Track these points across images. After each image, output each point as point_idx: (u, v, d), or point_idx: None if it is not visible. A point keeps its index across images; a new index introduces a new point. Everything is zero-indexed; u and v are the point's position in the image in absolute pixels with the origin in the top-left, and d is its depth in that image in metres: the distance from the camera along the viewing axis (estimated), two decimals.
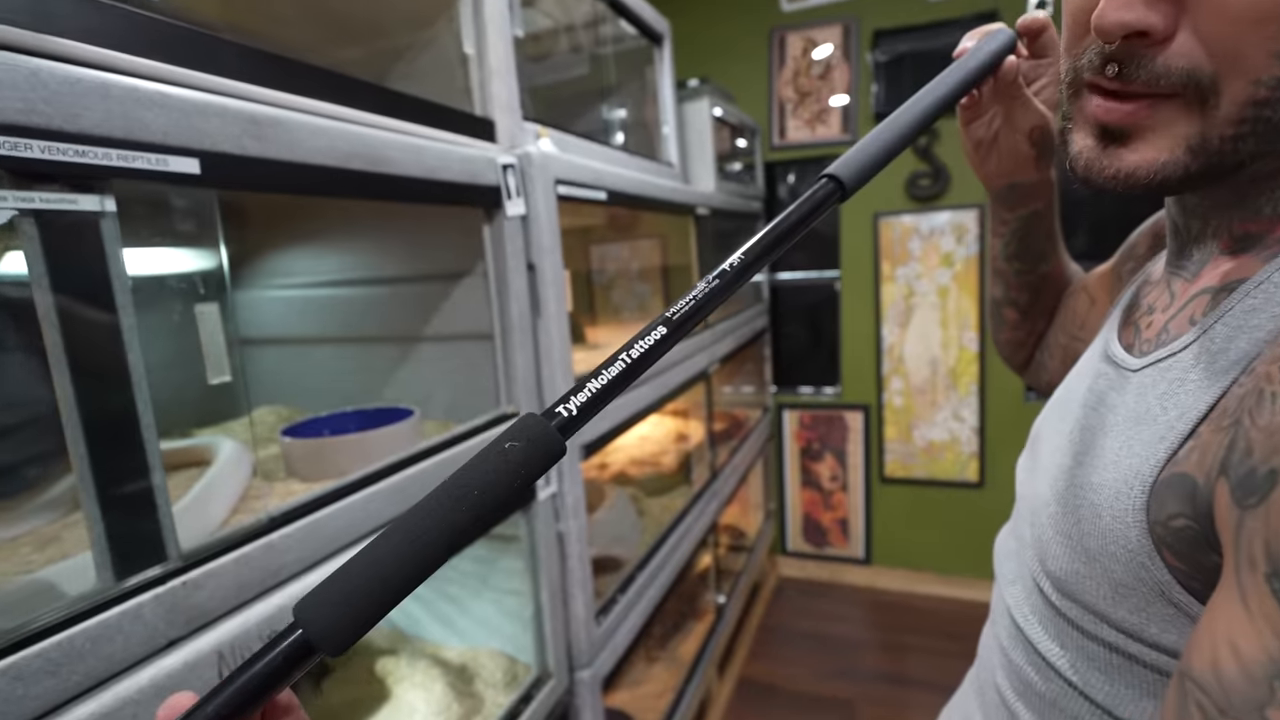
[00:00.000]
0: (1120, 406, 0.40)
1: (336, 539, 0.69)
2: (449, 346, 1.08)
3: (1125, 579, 0.36)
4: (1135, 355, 0.42)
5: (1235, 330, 0.35)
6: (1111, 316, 0.50)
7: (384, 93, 0.77)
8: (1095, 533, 0.38)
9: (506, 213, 0.95)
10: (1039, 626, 0.43)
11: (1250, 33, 0.31)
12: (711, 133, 1.92)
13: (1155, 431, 0.36)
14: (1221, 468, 0.31)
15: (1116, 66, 0.35)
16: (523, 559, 1.07)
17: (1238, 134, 0.33)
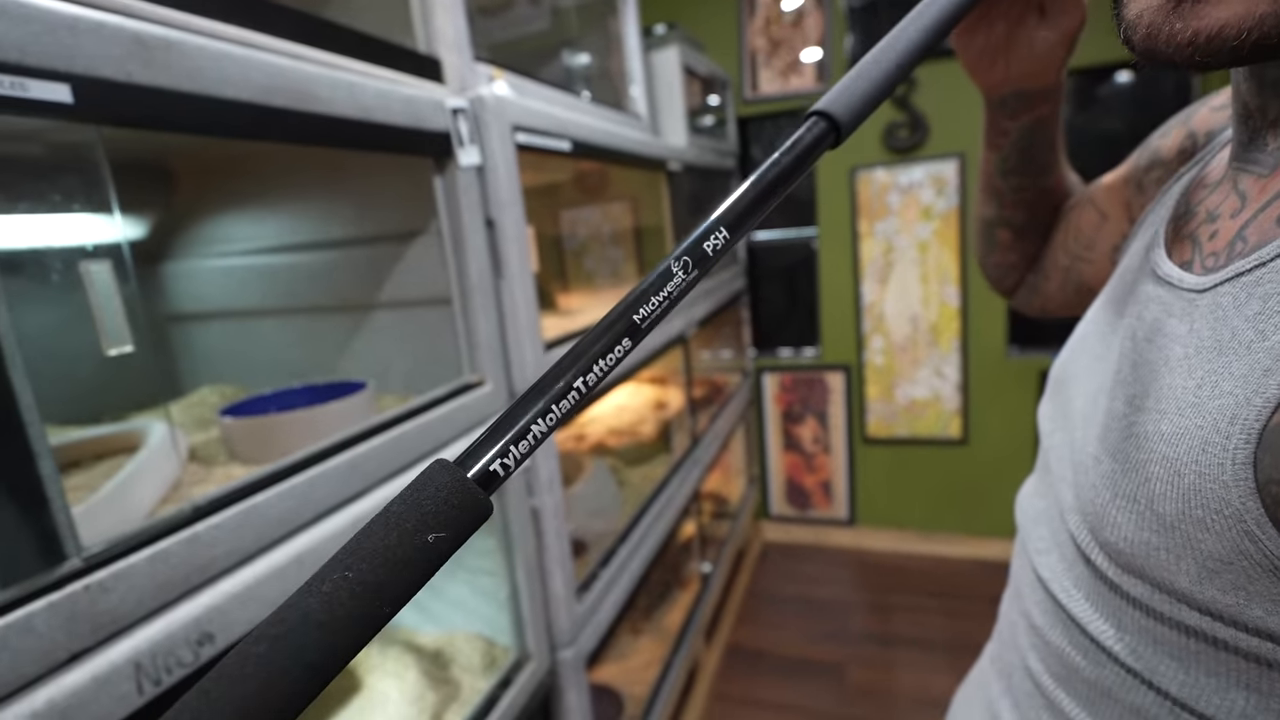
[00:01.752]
0: (1188, 336, 0.33)
1: (278, 526, 0.61)
2: (405, 313, 1.00)
3: (1219, 552, 0.28)
4: (1200, 273, 0.34)
5: None
6: (1149, 231, 0.42)
7: (308, 19, 0.67)
8: (1173, 495, 0.30)
9: (459, 162, 0.87)
10: (1087, 604, 0.36)
11: None
12: (681, 83, 1.83)
13: (1254, 363, 0.28)
14: None
15: None
16: (495, 537, 1.00)
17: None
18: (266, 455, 0.76)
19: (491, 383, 0.94)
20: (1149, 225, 0.43)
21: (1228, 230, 0.34)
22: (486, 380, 0.94)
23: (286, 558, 0.61)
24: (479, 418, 0.91)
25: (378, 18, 0.87)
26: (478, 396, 0.91)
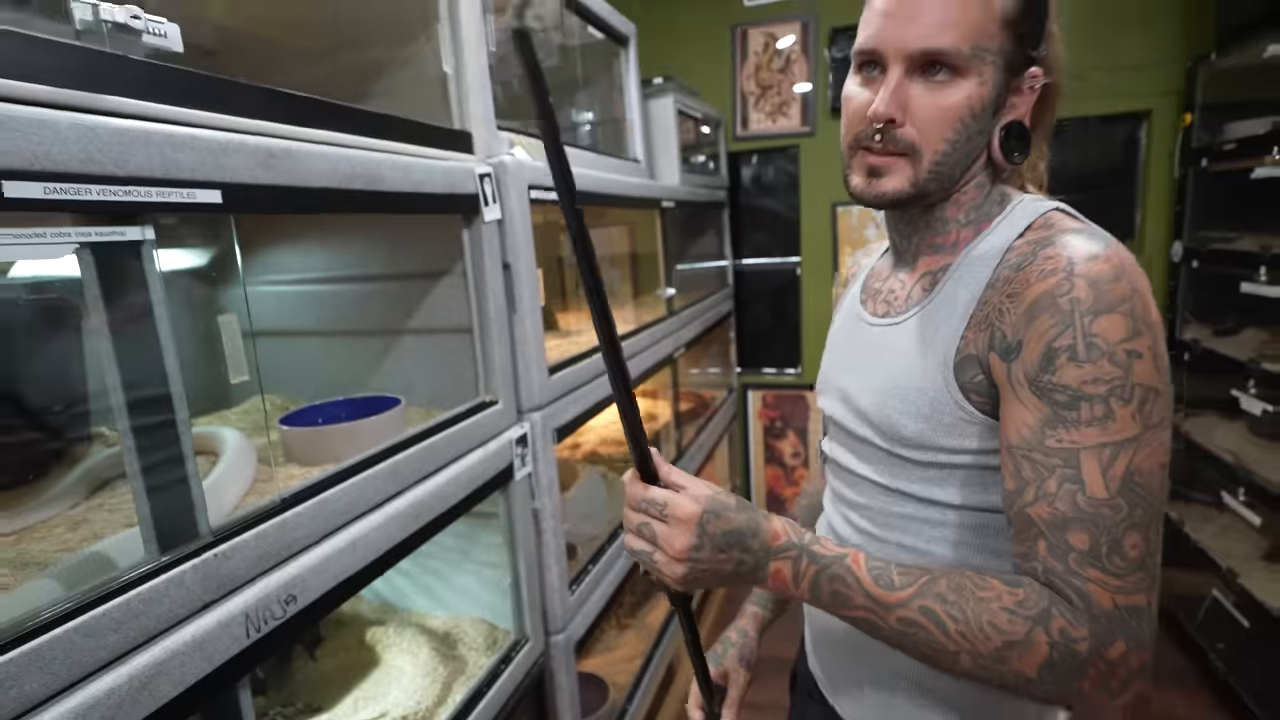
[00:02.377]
0: (901, 340, 0.68)
1: (339, 516, 0.78)
2: (430, 339, 1.16)
3: (949, 420, 0.62)
4: (894, 315, 0.70)
5: (955, 290, 0.64)
6: (847, 306, 0.80)
7: (377, 118, 0.84)
8: (929, 402, 0.63)
9: (484, 218, 1.04)
10: (889, 477, 0.68)
11: (933, 129, 0.61)
12: (676, 128, 2.01)
13: (940, 342, 0.63)
14: (989, 347, 0.59)
15: (879, 136, 0.61)
16: (501, 534, 1.17)
17: (929, 177, 0.62)
18: (317, 459, 0.93)
19: (503, 402, 1.11)
20: (846, 302, 0.81)
21: (901, 295, 0.71)
22: (499, 399, 1.11)
23: (346, 540, 0.78)
24: (492, 432, 1.08)
25: (420, 96, 1.04)
26: (491, 414, 1.08)
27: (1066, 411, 0.53)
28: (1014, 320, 0.56)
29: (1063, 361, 0.53)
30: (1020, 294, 0.56)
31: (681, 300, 2.15)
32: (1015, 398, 0.56)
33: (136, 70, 0.57)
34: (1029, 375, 0.55)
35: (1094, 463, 0.52)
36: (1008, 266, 0.60)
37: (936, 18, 0.57)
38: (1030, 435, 0.55)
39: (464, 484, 1.00)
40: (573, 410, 1.30)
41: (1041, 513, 0.54)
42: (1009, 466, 0.57)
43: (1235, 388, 1.78)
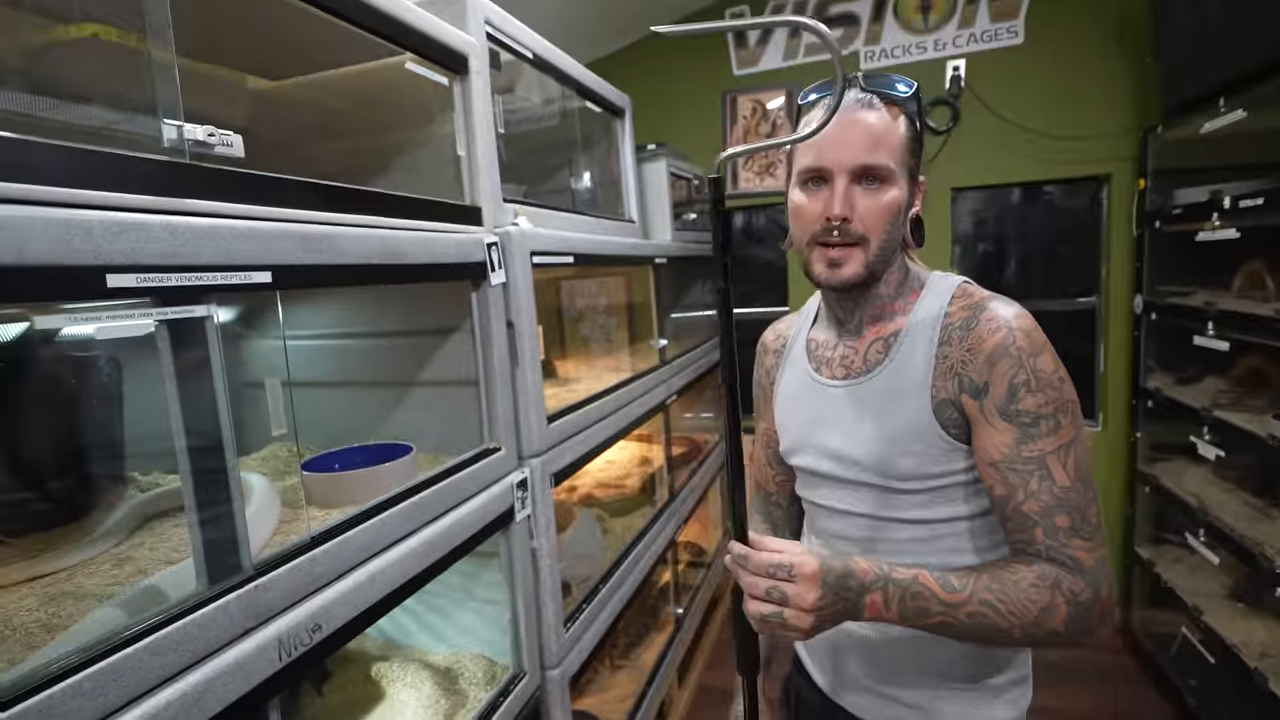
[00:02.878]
0: (875, 394, 0.82)
1: (359, 554, 0.87)
2: (439, 390, 1.27)
3: (935, 452, 0.78)
4: (857, 376, 0.85)
5: (911, 350, 0.80)
6: (798, 375, 0.92)
7: (401, 200, 0.97)
8: (918, 440, 0.79)
9: (490, 282, 1.16)
10: (885, 508, 0.83)
11: (875, 222, 0.78)
12: (668, 189, 2.16)
13: (914, 391, 0.79)
14: (960, 390, 0.76)
15: (836, 232, 0.78)
16: (501, 572, 1.25)
17: (876, 260, 0.79)
18: (336, 502, 1.02)
19: (505, 448, 1.21)
20: (788, 375, 0.94)
21: (856, 360, 0.86)
22: (502, 446, 1.21)
23: (365, 575, 0.87)
24: (495, 477, 1.17)
25: (438, 176, 1.17)
26: (495, 459, 1.18)
27: (1031, 429, 0.73)
28: (978, 367, 0.75)
29: (1022, 394, 0.73)
30: (978, 348, 0.76)
31: (674, 349, 2.26)
32: (990, 425, 0.75)
33: (209, 175, 0.69)
34: (999, 407, 0.74)
35: (1057, 462, 0.72)
36: (955, 328, 0.78)
37: (871, 141, 0.77)
38: (1009, 451, 0.73)
39: (469, 525, 1.09)
40: (569, 456, 1.40)
41: (1032, 507, 0.72)
42: (995, 478, 0.75)
43: (1193, 434, 1.88)
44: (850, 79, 0.77)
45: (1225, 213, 1.70)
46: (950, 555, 0.81)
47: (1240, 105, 1.66)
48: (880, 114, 0.77)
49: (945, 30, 2.54)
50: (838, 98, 0.60)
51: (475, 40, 1.16)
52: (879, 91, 0.78)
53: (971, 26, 2.51)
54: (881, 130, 0.77)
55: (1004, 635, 0.69)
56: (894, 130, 0.78)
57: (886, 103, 0.78)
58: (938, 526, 0.81)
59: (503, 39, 1.28)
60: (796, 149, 0.81)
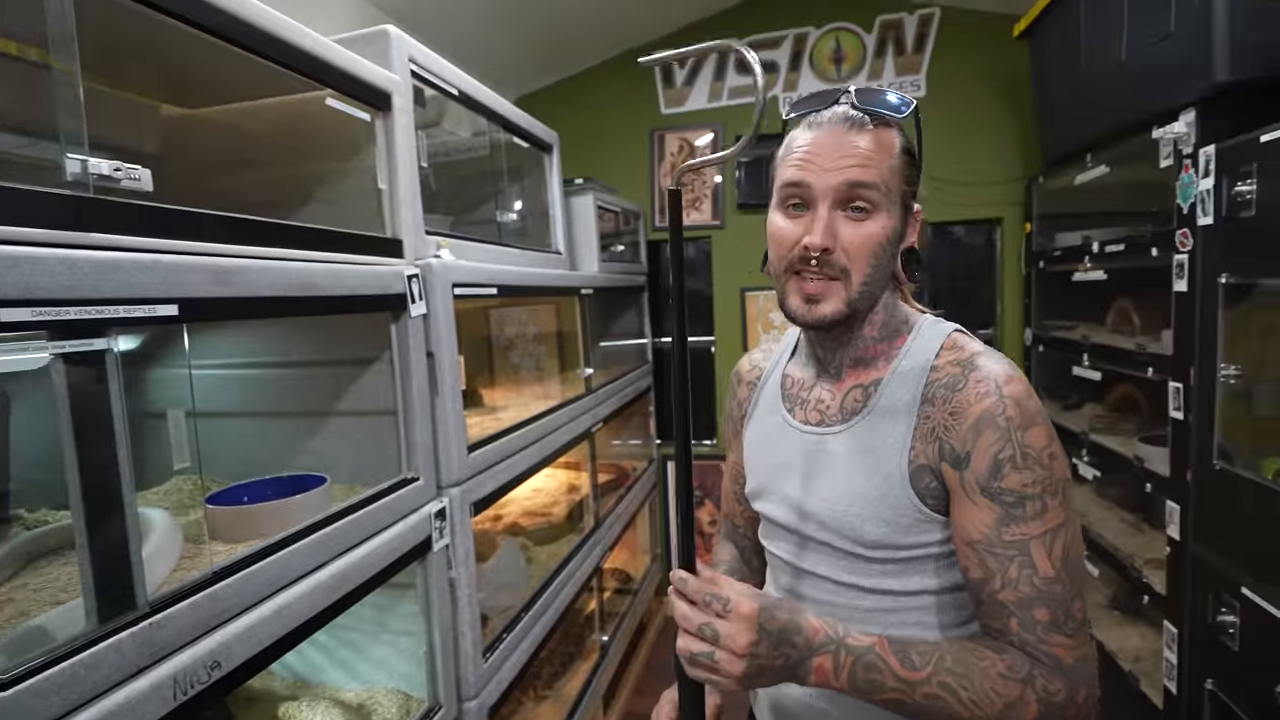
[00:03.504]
0: (847, 448, 0.75)
1: (266, 588, 0.86)
2: (356, 420, 1.26)
3: (907, 522, 0.71)
4: (830, 424, 0.78)
5: (891, 403, 0.74)
6: (769, 413, 0.86)
7: (317, 232, 0.98)
8: (889, 507, 0.72)
9: (411, 314, 1.17)
10: (847, 574, 0.75)
11: (859, 254, 0.71)
12: (596, 222, 2.22)
13: (890, 452, 0.72)
14: (940, 458, 0.70)
15: (815, 262, 0.71)
16: (418, 603, 1.24)
17: (859, 297, 0.72)
18: (243, 536, 1.00)
19: (423, 478, 1.21)
20: (760, 411, 0.88)
21: (834, 404, 0.79)
22: (420, 476, 1.21)
23: (270, 610, 0.86)
24: (412, 506, 1.18)
25: (359, 207, 1.18)
26: (412, 489, 1.18)
27: (1014, 510, 0.66)
28: (961, 435, 0.68)
29: (1007, 470, 0.66)
30: (963, 412, 0.68)
31: (602, 377, 2.30)
32: (970, 501, 0.68)
33: (115, 209, 0.69)
34: (980, 482, 0.67)
35: (1041, 549, 0.65)
36: (940, 386, 0.71)
37: (856, 160, 0.69)
38: (989, 532, 0.66)
39: (384, 556, 1.09)
40: (491, 484, 1.41)
41: (1009, 597, 0.66)
42: (973, 559, 0.68)
43: (1075, 457, 2.05)
44: (843, 93, 0.72)
45: (1094, 256, 1.88)
46: (915, 629, 0.73)
47: (1103, 161, 1.86)
48: (871, 134, 0.70)
49: (857, 80, 2.73)
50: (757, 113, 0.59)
51: (399, 78, 1.19)
52: (871, 110, 0.71)
53: (880, 78, 2.70)
54: (871, 152, 0.70)
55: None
56: (886, 152, 0.71)
57: (879, 122, 0.71)
58: (904, 599, 0.73)
59: (427, 76, 1.32)
60: (779, 166, 0.74)
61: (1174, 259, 1.47)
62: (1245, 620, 1.26)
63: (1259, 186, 1.21)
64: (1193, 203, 1.40)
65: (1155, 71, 1.50)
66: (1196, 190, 1.38)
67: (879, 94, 0.73)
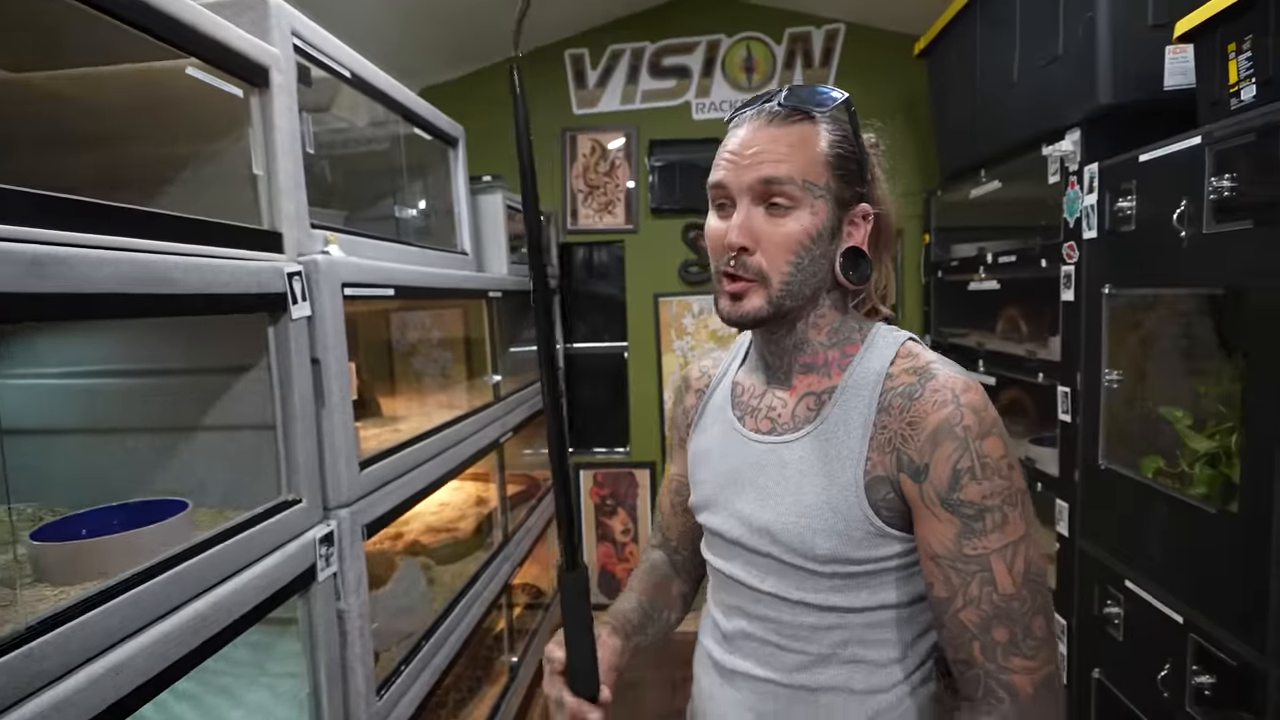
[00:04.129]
0: (800, 458, 0.73)
1: (103, 640, 0.72)
2: (226, 436, 1.11)
3: (859, 535, 0.69)
4: (782, 433, 0.75)
5: (846, 412, 0.72)
6: (719, 420, 0.83)
7: (172, 220, 0.84)
8: (841, 519, 0.69)
9: (292, 315, 1.04)
10: (794, 589, 0.72)
11: (777, 254, 0.70)
12: (505, 222, 2.12)
13: (845, 462, 0.70)
14: (899, 468, 0.68)
15: (734, 264, 0.71)
16: (301, 640, 1.11)
17: (780, 297, 0.71)
18: (79, 577, 0.85)
19: (307, 500, 1.08)
20: (707, 420, 0.85)
21: (785, 413, 0.76)
22: (303, 497, 1.08)
23: (106, 667, 0.72)
24: (293, 532, 1.04)
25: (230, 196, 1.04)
26: (293, 513, 1.05)
27: (974, 523, 0.64)
28: (919, 445, 0.66)
29: (966, 481, 0.64)
30: (920, 422, 0.67)
31: (512, 384, 2.20)
32: (931, 514, 0.66)
33: None
34: (939, 494, 0.65)
35: (1001, 563, 0.64)
36: (897, 395, 0.69)
37: (771, 156, 0.68)
38: (952, 546, 0.65)
39: (258, 590, 0.95)
40: (387, 503, 1.29)
41: (971, 617, 0.65)
42: (938, 575, 0.66)
43: None
44: (777, 92, 0.72)
45: (989, 266, 1.98)
46: (865, 649, 0.71)
47: (996, 176, 1.96)
48: (791, 129, 0.69)
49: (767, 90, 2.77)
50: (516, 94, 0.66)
51: (278, 52, 1.06)
52: (795, 106, 0.70)
53: None
54: (788, 147, 0.68)
55: None
56: (807, 145, 0.69)
57: (802, 117, 0.70)
58: (851, 615, 0.71)
59: (314, 54, 1.19)
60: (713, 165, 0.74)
61: (1061, 270, 1.56)
62: (1129, 611, 1.34)
63: (1138, 202, 1.29)
64: (1078, 217, 1.49)
65: (1045, 92, 1.59)
66: (1081, 205, 1.47)
67: (805, 89, 0.72)
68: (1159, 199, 1.22)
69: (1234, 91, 1.08)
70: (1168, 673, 1.21)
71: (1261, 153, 0.98)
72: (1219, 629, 1.10)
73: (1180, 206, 1.14)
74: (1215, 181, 1.07)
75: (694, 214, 2.74)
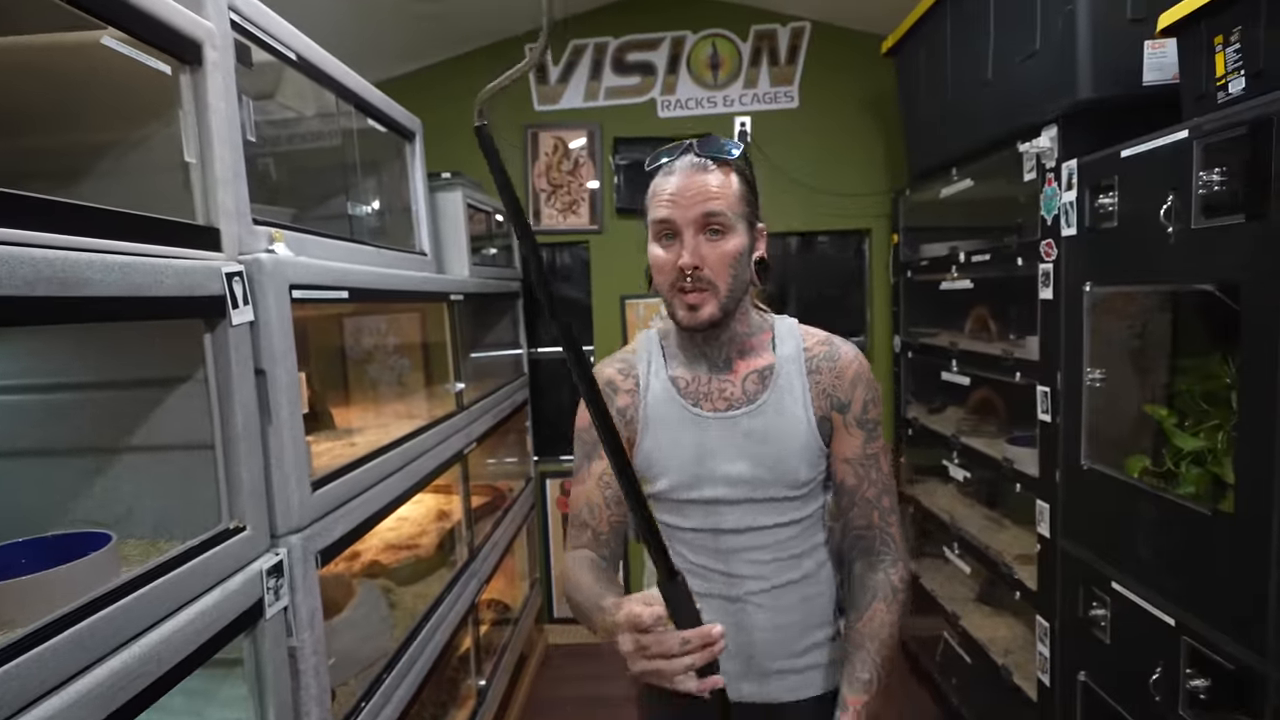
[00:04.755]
0: (768, 419, 0.95)
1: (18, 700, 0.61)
2: (158, 457, 0.99)
3: (815, 459, 0.97)
4: (740, 406, 0.96)
5: (789, 379, 0.97)
6: (671, 411, 0.98)
7: (85, 212, 0.73)
8: (810, 451, 0.96)
9: (232, 321, 0.93)
10: (784, 514, 0.97)
11: (721, 267, 0.89)
12: (465, 222, 2.01)
13: (801, 412, 0.96)
14: (831, 407, 0.97)
15: (689, 280, 0.89)
16: (248, 683, 0.99)
17: (726, 302, 0.91)
18: None
19: (252, 527, 0.97)
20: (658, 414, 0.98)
21: (733, 392, 0.97)
22: (247, 524, 0.96)
23: None
24: (237, 564, 0.93)
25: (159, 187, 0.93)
26: (236, 542, 0.93)
27: (873, 433, 0.98)
28: (844, 389, 0.97)
29: (870, 408, 0.98)
30: (844, 374, 0.98)
31: (475, 391, 2.09)
32: (847, 432, 0.98)
33: None
34: (855, 418, 0.97)
35: (884, 455, 1.00)
36: (821, 359, 0.98)
37: (708, 194, 0.89)
38: (859, 449, 0.98)
39: (196, 633, 0.84)
40: (342, 526, 1.18)
41: (871, 493, 0.99)
42: (848, 471, 0.98)
43: (944, 458, 2.14)
44: (687, 145, 0.92)
45: (961, 265, 1.97)
46: (807, 540, 0.99)
47: (969, 175, 1.95)
48: (715, 174, 0.89)
49: (733, 88, 2.73)
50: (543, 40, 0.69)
51: (213, 26, 0.95)
52: (712, 156, 0.91)
53: (755, 88, 2.72)
54: (717, 187, 0.89)
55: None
56: (728, 186, 0.90)
57: (720, 163, 0.91)
58: (805, 522, 0.99)
59: (255, 32, 1.08)
60: (650, 206, 0.92)
61: (1039, 268, 1.54)
62: (1116, 613, 1.32)
63: (1120, 199, 1.27)
64: (1056, 214, 1.47)
65: (1020, 89, 1.58)
66: (1060, 203, 1.45)
67: (716, 141, 0.92)
68: (1143, 195, 1.20)
69: (1221, 84, 1.06)
70: (1159, 676, 1.19)
71: (1254, 145, 0.96)
72: (1214, 631, 1.08)
73: (1167, 202, 1.12)
74: (1204, 176, 1.05)
75: None
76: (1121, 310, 1.40)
